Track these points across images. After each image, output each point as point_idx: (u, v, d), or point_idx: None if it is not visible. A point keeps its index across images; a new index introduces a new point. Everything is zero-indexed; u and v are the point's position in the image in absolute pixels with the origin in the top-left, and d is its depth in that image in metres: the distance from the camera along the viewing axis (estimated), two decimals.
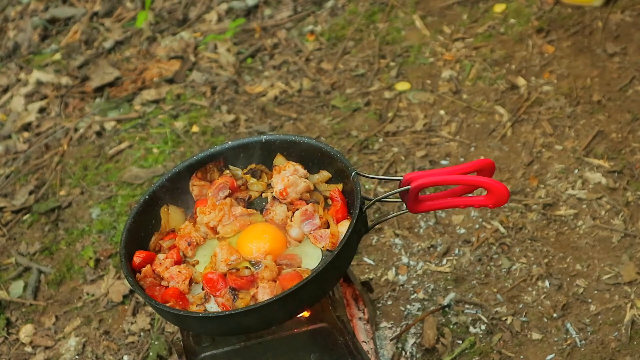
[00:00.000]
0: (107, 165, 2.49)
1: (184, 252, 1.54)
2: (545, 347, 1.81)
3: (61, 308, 2.14)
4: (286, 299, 1.36)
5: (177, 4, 3.03)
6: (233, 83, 2.65)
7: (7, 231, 2.36)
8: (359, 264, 2.05)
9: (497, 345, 1.83)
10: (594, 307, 1.86)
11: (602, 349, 1.79)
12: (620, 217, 2.01)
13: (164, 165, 2.43)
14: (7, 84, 2.88)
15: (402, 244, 2.07)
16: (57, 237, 2.31)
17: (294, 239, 1.51)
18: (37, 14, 3.13)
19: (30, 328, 2.10)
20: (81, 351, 2.03)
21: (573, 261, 1.95)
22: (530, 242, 2.01)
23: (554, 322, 1.85)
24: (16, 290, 2.20)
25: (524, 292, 1.91)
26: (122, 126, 2.60)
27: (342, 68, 2.62)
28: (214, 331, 1.48)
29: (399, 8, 2.77)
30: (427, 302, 1.94)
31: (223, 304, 1.43)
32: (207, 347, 1.52)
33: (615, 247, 1.96)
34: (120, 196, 2.36)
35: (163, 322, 2.02)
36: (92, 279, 2.17)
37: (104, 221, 2.30)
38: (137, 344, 2.01)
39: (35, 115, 2.72)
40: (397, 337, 1.87)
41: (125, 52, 2.90)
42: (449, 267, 1.99)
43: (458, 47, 2.59)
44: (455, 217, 2.09)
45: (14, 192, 2.48)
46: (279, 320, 1.44)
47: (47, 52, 2.98)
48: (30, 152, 2.60)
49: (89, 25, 3.03)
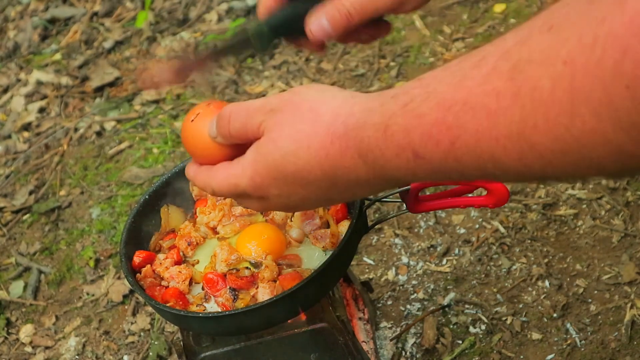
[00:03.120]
0: (107, 165, 2.49)
1: (184, 252, 1.53)
2: (545, 347, 1.81)
3: (61, 308, 2.14)
4: (286, 299, 1.36)
5: (177, 4, 3.03)
6: (233, 83, 2.65)
7: (7, 231, 2.36)
8: (359, 264, 2.05)
9: (497, 345, 1.83)
10: (594, 307, 1.86)
11: (602, 349, 1.79)
12: (620, 217, 2.01)
13: (164, 165, 2.43)
14: (7, 84, 2.88)
15: (402, 244, 2.07)
16: (57, 237, 2.31)
17: (294, 239, 1.51)
18: (37, 14, 3.13)
19: (30, 328, 2.10)
20: (81, 351, 2.03)
21: (573, 261, 1.95)
22: (530, 242, 2.01)
23: (554, 322, 1.85)
24: (16, 290, 2.20)
25: (524, 292, 1.91)
26: (122, 126, 2.60)
27: (342, 68, 2.62)
28: (214, 331, 1.48)
29: None
30: (427, 302, 1.94)
31: (223, 304, 1.43)
32: (207, 347, 1.52)
33: (615, 247, 1.96)
34: (120, 196, 2.36)
35: (163, 322, 2.02)
36: (92, 279, 2.17)
37: (104, 221, 2.30)
38: (137, 344, 2.01)
39: (35, 115, 2.72)
40: (397, 337, 1.87)
41: (125, 52, 2.90)
42: (449, 267, 1.99)
43: (458, 47, 2.59)
44: (455, 217, 2.09)
45: (14, 192, 2.48)
46: (279, 320, 1.44)
47: (47, 52, 2.98)
48: (30, 152, 2.60)
49: (89, 25, 3.03)
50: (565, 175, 0.81)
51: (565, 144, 0.76)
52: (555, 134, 0.76)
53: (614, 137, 0.72)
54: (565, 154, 0.77)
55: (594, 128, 0.73)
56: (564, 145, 0.76)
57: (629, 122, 0.71)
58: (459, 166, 0.86)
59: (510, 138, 0.79)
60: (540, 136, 0.77)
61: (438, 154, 0.87)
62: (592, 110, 0.72)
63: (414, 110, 0.88)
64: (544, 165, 0.79)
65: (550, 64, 0.74)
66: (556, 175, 0.82)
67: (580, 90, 0.72)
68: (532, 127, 0.77)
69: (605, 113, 0.72)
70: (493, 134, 0.80)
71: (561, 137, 0.76)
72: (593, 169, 0.77)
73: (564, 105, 0.74)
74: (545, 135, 0.76)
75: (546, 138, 0.77)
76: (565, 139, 0.75)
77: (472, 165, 0.85)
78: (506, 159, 0.81)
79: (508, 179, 0.88)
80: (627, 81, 0.69)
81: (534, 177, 0.83)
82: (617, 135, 0.72)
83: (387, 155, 0.92)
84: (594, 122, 0.73)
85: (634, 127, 0.71)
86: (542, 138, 0.77)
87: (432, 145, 0.86)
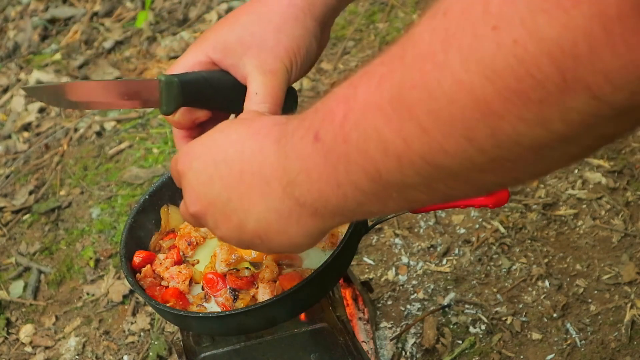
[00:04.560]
0: (107, 165, 2.49)
1: (184, 252, 1.54)
2: (545, 347, 1.81)
3: (61, 308, 2.14)
4: (286, 299, 1.36)
5: (177, 4, 3.03)
6: None
7: (7, 231, 2.36)
8: (359, 264, 2.05)
9: (497, 345, 1.83)
10: (594, 307, 1.86)
11: (602, 349, 1.79)
12: (620, 217, 2.01)
13: (164, 165, 2.43)
14: (7, 84, 2.88)
15: (402, 244, 2.07)
16: (57, 237, 2.31)
17: None
18: (37, 14, 3.13)
19: (30, 328, 2.10)
20: (81, 351, 2.03)
21: (573, 261, 1.95)
22: (530, 242, 2.01)
23: (554, 322, 1.85)
24: (16, 290, 2.20)
25: (524, 292, 1.91)
26: (122, 126, 2.60)
27: (342, 68, 2.62)
28: (214, 331, 1.48)
29: (399, 8, 2.77)
30: (427, 302, 1.94)
31: (223, 304, 1.43)
32: (207, 347, 1.52)
33: (615, 247, 1.96)
34: (120, 196, 2.36)
35: (163, 322, 2.02)
36: (92, 279, 2.17)
37: (104, 221, 2.30)
38: (137, 344, 2.01)
39: (35, 115, 2.72)
40: (397, 337, 1.87)
41: (125, 52, 2.90)
42: (449, 267, 1.99)
43: None
44: (455, 217, 2.09)
45: (14, 192, 2.48)
46: (279, 320, 1.44)
47: (47, 52, 2.98)
48: (30, 152, 2.60)
49: (89, 25, 3.03)
50: (443, 157, 0.75)
51: (437, 102, 0.72)
52: (429, 90, 0.72)
53: (480, 89, 0.68)
54: (437, 117, 0.72)
55: (461, 79, 0.69)
56: (437, 104, 0.72)
57: (493, 70, 0.67)
58: (346, 155, 0.82)
59: (392, 102, 0.76)
60: (415, 94, 0.73)
61: (331, 133, 0.84)
62: (462, 58, 0.69)
63: (330, 92, 0.87)
64: (420, 137, 0.74)
65: (432, 17, 0.73)
66: (435, 158, 0.75)
67: (453, 37, 0.69)
68: (410, 87, 0.74)
69: (472, 60, 0.68)
70: (378, 100, 0.77)
71: (433, 93, 0.72)
72: (465, 139, 0.72)
73: (437, 56, 0.71)
74: (420, 93, 0.73)
75: (421, 95, 0.73)
76: (437, 96, 0.71)
77: (357, 149, 0.81)
78: (388, 132, 0.77)
79: (389, 173, 0.80)
80: (495, 21, 0.66)
81: (415, 165, 0.77)
82: (483, 85, 0.68)
83: (294, 138, 0.90)
84: (462, 72, 0.69)
85: (499, 76, 0.67)
86: (417, 96, 0.73)
87: (329, 121, 0.84)
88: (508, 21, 0.65)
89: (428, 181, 0.79)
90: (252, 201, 0.97)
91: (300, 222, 0.95)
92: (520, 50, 0.65)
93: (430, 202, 0.90)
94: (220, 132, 1.05)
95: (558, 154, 0.72)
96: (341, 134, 0.82)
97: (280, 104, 1.23)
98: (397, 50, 0.77)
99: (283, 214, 0.95)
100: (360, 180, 0.83)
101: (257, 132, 0.98)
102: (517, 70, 0.66)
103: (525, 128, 0.69)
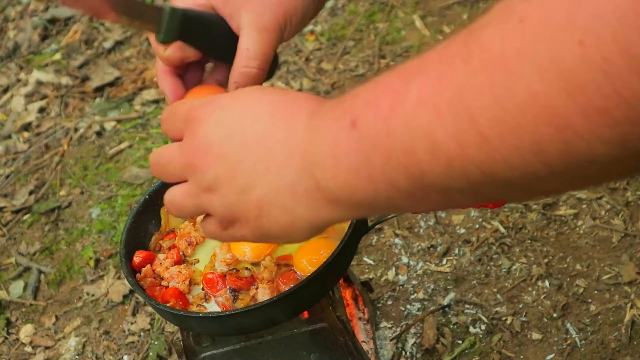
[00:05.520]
0: (107, 165, 2.49)
1: (184, 252, 1.54)
2: (545, 347, 1.81)
3: (61, 308, 2.14)
4: (286, 299, 1.36)
5: None
6: None
7: (7, 231, 2.36)
8: (359, 264, 2.05)
9: (497, 345, 1.83)
10: (594, 307, 1.86)
11: (602, 349, 1.79)
12: (620, 217, 2.01)
13: None
14: (7, 84, 2.88)
15: (402, 244, 2.07)
16: (57, 237, 2.31)
17: None
18: (37, 14, 3.13)
19: (30, 328, 2.10)
20: (81, 351, 2.03)
21: (573, 261, 1.95)
22: (530, 242, 2.01)
23: (554, 322, 1.85)
24: (16, 290, 2.20)
25: (524, 292, 1.91)
26: (122, 126, 2.60)
27: (342, 68, 2.62)
28: (214, 331, 1.48)
29: (399, 8, 2.77)
30: (427, 302, 1.94)
31: (223, 304, 1.43)
32: (207, 347, 1.52)
33: (615, 247, 1.96)
34: (120, 196, 2.36)
35: (163, 322, 2.02)
36: (92, 279, 2.17)
37: (104, 221, 2.30)
38: (137, 344, 2.01)
39: (35, 115, 2.72)
40: (397, 337, 1.87)
41: (125, 52, 2.90)
42: (449, 267, 1.99)
43: None
44: (455, 217, 2.09)
45: (14, 192, 2.48)
46: (279, 320, 1.44)
47: (47, 52, 2.98)
48: (30, 152, 2.60)
49: (89, 25, 3.03)
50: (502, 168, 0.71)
51: (504, 111, 0.68)
52: (497, 98, 0.68)
53: (559, 103, 0.65)
54: (502, 127, 0.68)
55: (537, 91, 0.65)
56: (504, 114, 0.68)
57: (575, 85, 0.63)
58: (387, 149, 0.77)
59: (451, 103, 0.71)
60: (480, 99, 0.69)
61: (372, 123, 0.78)
62: (539, 68, 0.65)
63: (373, 80, 0.82)
64: (479, 145, 0.71)
65: (504, 22, 0.68)
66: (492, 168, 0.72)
67: (531, 46, 0.65)
68: (474, 91, 0.69)
69: (551, 73, 0.64)
70: (435, 100, 0.73)
71: (502, 102, 0.68)
72: (533, 153, 0.68)
73: (510, 65, 0.67)
74: (486, 99, 0.69)
75: (486, 102, 0.69)
76: (506, 106, 0.68)
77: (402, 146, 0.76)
78: (442, 134, 0.72)
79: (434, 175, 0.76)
80: (581, 35, 0.62)
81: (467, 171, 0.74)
82: (562, 100, 0.64)
83: (328, 117, 0.85)
84: (538, 83, 0.65)
85: (582, 92, 0.63)
86: (482, 102, 0.69)
87: (372, 110, 0.79)
88: (597, 36, 0.62)
89: (476, 187, 0.75)
90: (268, 168, 0.90)
91: (312, 206, 0.88)
92: (609, 67, 0.62)
93: (469, 204, 0.86)
94: (256, 89, 0.99)
95: (621, 168, 0.69)
96: (384, 126, 0.77)
97: (269, 63, 1.22)
98: (458, 50, 0.72)
99: (297, 191, 0.88)
100: (398, 177, 0.78)
101: (294, 100, 0.93)
102: (604, 88, 0.63)
103: (604, 148, 0.66)
